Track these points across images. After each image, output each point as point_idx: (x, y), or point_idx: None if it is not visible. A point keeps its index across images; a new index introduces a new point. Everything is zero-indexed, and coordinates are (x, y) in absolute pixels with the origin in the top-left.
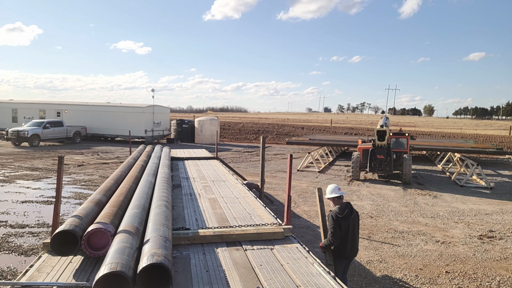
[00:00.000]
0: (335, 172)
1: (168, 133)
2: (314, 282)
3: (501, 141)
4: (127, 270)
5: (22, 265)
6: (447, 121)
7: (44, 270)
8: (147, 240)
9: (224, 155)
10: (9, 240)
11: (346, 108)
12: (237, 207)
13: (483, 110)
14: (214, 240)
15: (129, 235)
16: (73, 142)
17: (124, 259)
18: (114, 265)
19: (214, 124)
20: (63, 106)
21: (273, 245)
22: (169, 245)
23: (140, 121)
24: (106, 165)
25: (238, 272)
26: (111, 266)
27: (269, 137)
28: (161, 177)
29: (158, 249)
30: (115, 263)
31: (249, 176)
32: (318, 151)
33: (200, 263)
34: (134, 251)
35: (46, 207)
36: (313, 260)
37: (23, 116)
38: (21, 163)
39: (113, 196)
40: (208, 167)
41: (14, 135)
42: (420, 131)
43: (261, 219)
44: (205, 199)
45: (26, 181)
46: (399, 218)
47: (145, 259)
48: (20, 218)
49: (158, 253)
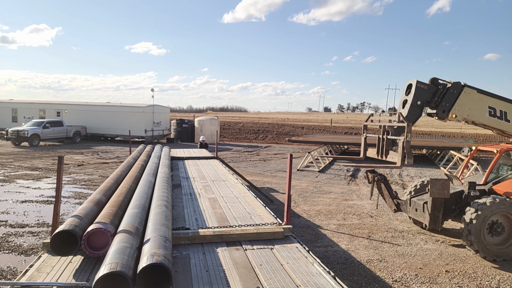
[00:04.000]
0: (335, 171)
1: (168, 133)
2: (314, 282)
3: (501, 140)
4: (127, 270)
5: (22, 265)
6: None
7: (44, 270)
8: (147, 240)
9: (224, 154)
10: (9, 240)
11: (346, 108)
12: (237, 206)
13: None
14: (214, 240)
15: (129, 235)
16: (73, 141)
17: (124, 259)
18: (114, 265)
19: (214, 124)
20: (63, 106)
21: (273, 245)
22: (169, 245)
23: (140, 121)
24: (106, 165)
25: (238, 272)
26: (111, 266)
27: (269, 136)
28: (161, 177)
29: (158, 249)
30: (115, 263)
31: (249, 175)
32: (318, 150)
33: (200, 263)
34: (134, 251)
35: (46, 206)
36: (313, 260)
37: (23, 116)
38: (21, 163)
39: (113, 196)
40: (208, 167)
41: (14, 134)
42: (420, 131)
43: (261, 218)
44: (205, 198)
45: (26, 181)
46: (399, 217)
47: (145, 259)
48: (20, 218)
49: (158, 253)
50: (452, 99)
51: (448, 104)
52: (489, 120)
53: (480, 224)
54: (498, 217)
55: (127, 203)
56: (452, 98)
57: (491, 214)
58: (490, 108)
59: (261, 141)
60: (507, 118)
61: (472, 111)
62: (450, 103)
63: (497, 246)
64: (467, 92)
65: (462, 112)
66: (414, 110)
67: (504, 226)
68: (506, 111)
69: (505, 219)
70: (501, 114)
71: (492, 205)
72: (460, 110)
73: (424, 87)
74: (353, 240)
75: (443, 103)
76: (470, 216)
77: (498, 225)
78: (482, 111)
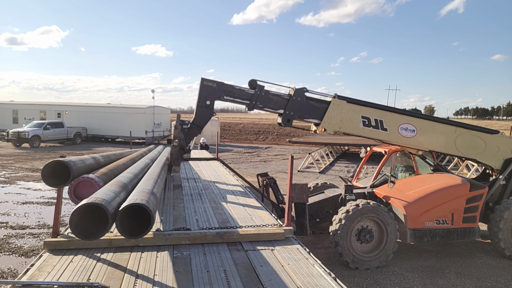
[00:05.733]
0: (335, 172)
1: (169, 134)
2: (314, 283)
3: None
4: (107, 205)
5: (23, 266)
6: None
7: (45, 269)
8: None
9: (225, 155)
10: (10, 241)
11: None
12: (237, 207)
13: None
14: (215, 241)
15: (116, 186)
16: (73, 143)
17: (107, 195)
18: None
19: (214, 125)
20: (63, 107)
21: (273, 246)
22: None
23: (140, 122)
24: None
25: (238, 273)
26: (93, 200)
27: (269, 137)
28: (158, 161)
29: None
30: (97, 198)
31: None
32: (318, 151)
33: (201, 264)
34: (118, 197)
35: (46, 208)
36: (314, 261)
37: (23, 117)
38: (21, 164)
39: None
40: (208, 168)
41: (14, 136)
42: None
43: (261, 220)
44: (205, 199)
45: (26, 182)
46: None
47: (125, 203)
48: (20, 219)
49: (140, 198)
50: (296, 106)
51: (293, 113)
52: (364, 130)
53: (346, 232)
54: (368, 223)
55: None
56: (296, 105)
57: (356, 221)
58: (364, 118)
59: (262, 142)
60: (383, 126)
61: (343, 122)
62: (296, 112)
63: (367, 255)
64: (335, 103)
65: (333, 125)
66: (203, 111)
67: (373, 232)
68: (382, 119)
69: (375, 225)
70: (376, 123)
71: (355, 211)
72: (331, 123)
73: (213, 85)
74: None
75: (286, 111)
76: (334, 227)
77: (366, 232)
78: (355, 122)
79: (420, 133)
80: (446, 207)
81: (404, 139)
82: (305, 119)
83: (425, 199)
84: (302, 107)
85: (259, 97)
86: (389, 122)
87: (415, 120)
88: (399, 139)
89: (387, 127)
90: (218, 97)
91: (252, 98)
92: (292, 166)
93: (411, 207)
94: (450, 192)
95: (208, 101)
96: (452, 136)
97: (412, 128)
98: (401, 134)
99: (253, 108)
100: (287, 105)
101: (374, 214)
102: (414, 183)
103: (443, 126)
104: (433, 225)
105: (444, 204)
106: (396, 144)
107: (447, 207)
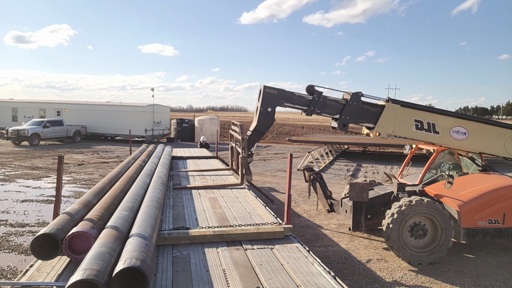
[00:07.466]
0: (335, 171)
1: (168, 132)
2: (314, 282)
3: None
4: (101, 278)
5: (22, 264)
6: None
7: (44, 270)
8: (128, 243)
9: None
10: (9, 239)
11: None
12: (237, 206)
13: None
14: (214, 240)
15: (111, 238)
16: (73, 141)
17: (100, 265)
18: (89, 271)
19: (214, 124)
20: (63, 105)
21: (273, 245)
22: (149, 248)
23: (140, 120)
24: (106, 164)
25: (238, 272)
26: (85, 273)
27: (269, 136)
28: (156, 176)
29: (135, 252)
30: (89, 269)
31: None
32: (318, 150)
33: (200, 263)
34: (112, 256)
35: (46, 206)
36: (313, 260)
37: (23, 115)
38: (21, 162)
39: (104, 197)
40: (208, 166)
41: (14, 134)
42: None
43: (261, 218)
44: (205, 198)
45: (26, 180)
46: None
47: (121, 263)
48: (20, 217)
49: (135, 256)
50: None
51: (348, 117)
52: (416, 134)
53: (398, 227)
54: (421, 219)
55: (117, 205)
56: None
57: (408, 216)
58: (417, 122)
59: (261, 141)
60: (435, 129)
61: (397, 126)
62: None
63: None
64: (389, 107)
65: (387, 129)
66: (264, 117)
67: (427, 228)
68: (434, 122)
69: (428, 221)
70: (429, 126)
71: (408, 207)
72: (384, 127)
73: (274, 92)
74: (354, 240)
75: (343, 116)
76: (387, 220)
77: (420, 228)
78: (408, 125)
79: (471, 135)
80: (498, 207)
81: (456, 142)
82: (360, 123)
83: (479, 199)
84: (357, 111)
85: (317, 102)
86: (441, 125)
87: (466, 122)
88: (451, 142)
89: (439, 130)
90: (279, 103)
91: (310, 104)
92: (291, 164)
93: (466, 207)
94: (504, 192)
95: (269, 108)
96: (502, 138)
97: (464, 131)
98: (453, 137)
99: (311, 113)
100: (343, 110)
101: (428, 210)
102: (466, 183)
103: (493, 128)
104: (485, 224)
105: (497, 204)
106: (448, 146)
107: (499, 207)
